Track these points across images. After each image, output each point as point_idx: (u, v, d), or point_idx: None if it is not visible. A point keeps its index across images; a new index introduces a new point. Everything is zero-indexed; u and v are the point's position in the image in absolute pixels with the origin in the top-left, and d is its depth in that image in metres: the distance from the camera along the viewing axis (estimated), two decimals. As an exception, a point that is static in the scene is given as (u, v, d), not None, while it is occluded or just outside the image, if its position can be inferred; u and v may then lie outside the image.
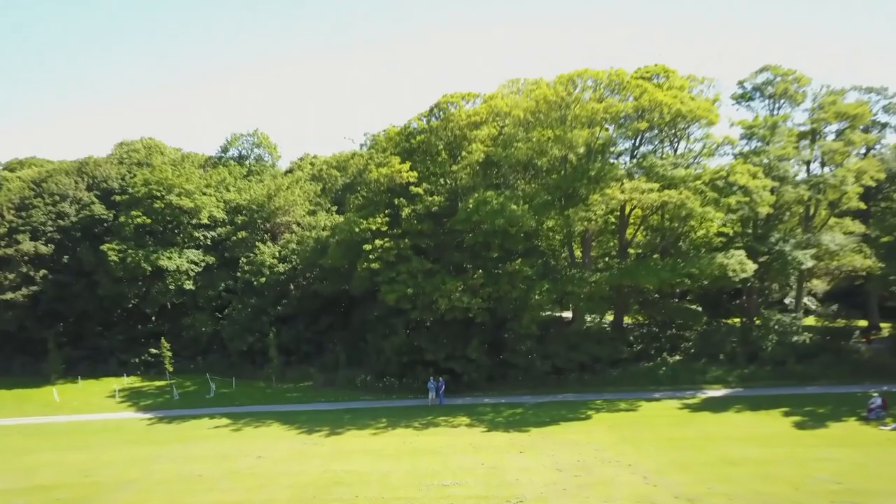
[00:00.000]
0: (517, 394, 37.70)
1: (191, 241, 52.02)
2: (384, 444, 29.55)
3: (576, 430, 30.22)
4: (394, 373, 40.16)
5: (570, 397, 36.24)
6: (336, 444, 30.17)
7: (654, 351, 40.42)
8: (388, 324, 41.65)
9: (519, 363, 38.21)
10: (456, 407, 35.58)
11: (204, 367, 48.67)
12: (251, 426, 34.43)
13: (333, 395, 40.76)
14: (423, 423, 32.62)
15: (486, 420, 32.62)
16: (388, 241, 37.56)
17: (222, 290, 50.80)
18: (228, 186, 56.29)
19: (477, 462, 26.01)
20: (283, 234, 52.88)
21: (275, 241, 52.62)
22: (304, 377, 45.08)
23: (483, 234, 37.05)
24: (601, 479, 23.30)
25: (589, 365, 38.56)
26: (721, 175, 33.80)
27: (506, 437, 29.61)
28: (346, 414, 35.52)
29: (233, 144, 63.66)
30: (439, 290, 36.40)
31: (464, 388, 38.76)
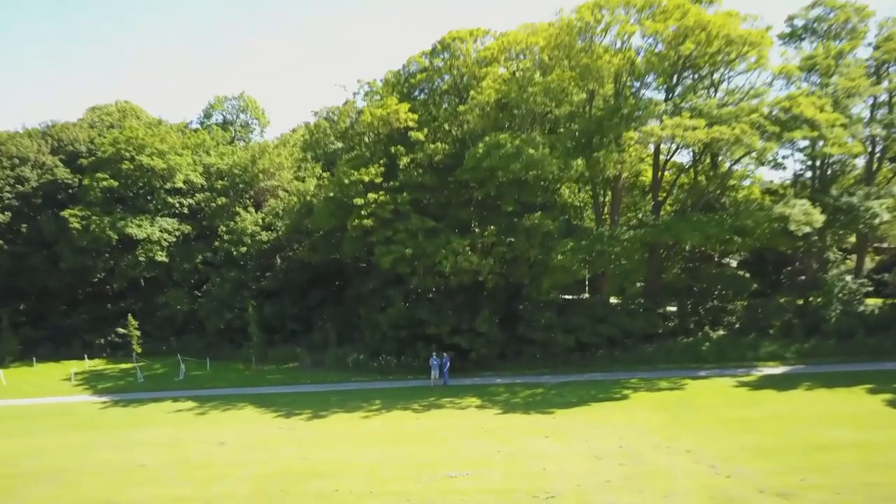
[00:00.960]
0: (534, 373, 32.43)
1: (165, 209, 46.87)
2: (376, 429, 24.36)
3: (611, 411, 24.96)
4: (390, 350, 34.90)
5: (597, 376, 30.93)
6: (318, 430, 25.00)
7: (694, 325, 35.08)
8: (384, 296, 36.46)
9: (536, 338, 32.88)
10: (463, 388, 30.35)
11: (178, 348, 43.53)
12: (219, 409, 29.27)
13: (321, 376, 35.55)
14: (425, 404, 27.41)
15: (499, 401, 27.39)
16: (383, 195, 32.29)
17: (200, 262, 45.65)
18: (209, 150, 51.11)
19: (491, 449, 20.78)
20: (268, 200, 47.71)
21: (259, 210, 47.48)
22: (290, 358, 39.87)
23: (495, 186, 31.77)
24: (655, 469, 18.06)
25: (619, 340, 33.25)
26: (782, 105, 28.31)
27: (526, 420, 24.36)
28: (333, 396, 30.31)
29: (216, 108, 58.54)
30: (443, 250, 31.12)
31: (471, 367, 33.49)
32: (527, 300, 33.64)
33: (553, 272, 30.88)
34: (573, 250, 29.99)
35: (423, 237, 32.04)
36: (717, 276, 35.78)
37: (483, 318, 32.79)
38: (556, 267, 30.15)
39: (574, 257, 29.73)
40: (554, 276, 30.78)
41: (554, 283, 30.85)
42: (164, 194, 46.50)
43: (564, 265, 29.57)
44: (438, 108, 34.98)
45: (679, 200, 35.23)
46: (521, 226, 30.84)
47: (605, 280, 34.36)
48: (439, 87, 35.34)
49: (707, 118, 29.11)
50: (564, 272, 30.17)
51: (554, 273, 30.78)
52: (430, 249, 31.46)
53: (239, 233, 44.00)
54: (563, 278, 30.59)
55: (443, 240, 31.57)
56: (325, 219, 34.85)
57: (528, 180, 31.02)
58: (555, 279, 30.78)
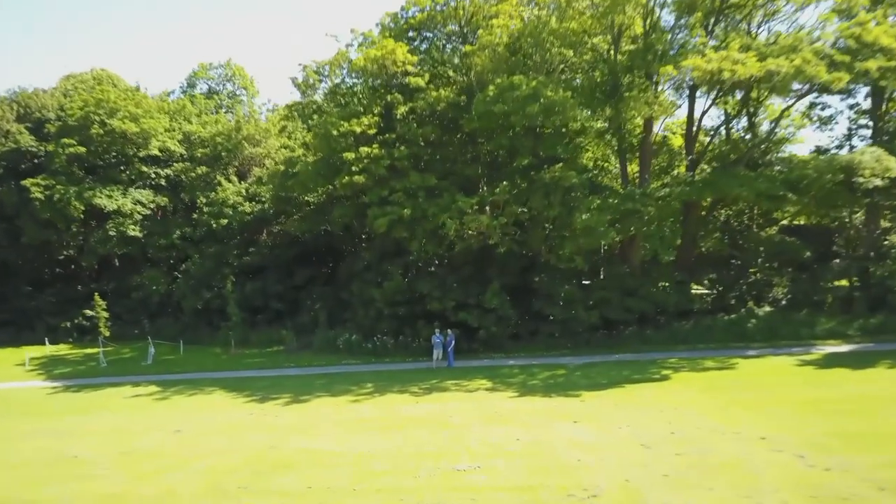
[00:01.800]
0: (553, 354, 28.39)
1: (140, 180, 42.97)
2: (366, 415, 20.32)
3: (651, 393, 20.88)
4: (387, 330, 30.91)
5: (627, 357, 26.88)
6: (296, 415, 20.96)
7: (735, 300, 30.96)
8: (380, 271, 32.46)
9: (555, 314, 28.85)
10: (470, 369, 26.31)
11: (151, 331, 39.61)
12: (183, 395, 25.31)
13: (307, 359, 31.59)
14: (425, 387, 23.37)
15: (514, 383, 23.32)
16: (377, 149, 28.27)
17: (177, 238, 41.72)
18: (189, 117, 47.17)
19: (508, 436, 16.70)
20: (253, 171, 43.76)
21: (244, 181, 43.55)
22: (274, 341, 35.92)
23: (507, 138, 27.71)
24: (724, 460, 13.95)
25: (651, 317, 29.19)
26: (850, 33, 24.13)
27: (548, 404, 20.28)
28: (318, 380, 26.32)
29: (200, 76, 54.62)
30: (448, 210, 27.10)
31: (480, 348, 29.50)
32: (544, 271, 29.59)
33: (576, 236, 26.81)
34: (600, 209, 25.92)
35: (424, 197, 28.03)
36: (766, 242, 31.50)
37: (493, 292, 28.78)
38: (579, 229, 26.07)
39: (601, 218, 25.62)
40: (577, 241, 26.69)
41: (577, 249, 26.75)
42: (138, 163, 42.59)
43: (590, 227, 25.46)
44: (441, 52, 30.95)
45: (718, 158, 30.94)
46: (540, 181, 26.76)
47: (634, 248, 30.23)
48: (442, 30, 31.29)
49: (757, 53, 25.01)
50: (589, 236, 26.06)
51: (577, 237, 26.70)
52: (433, 211, 27.44)
53: (219, 204, 40.07)
54: (588, 243, 26.50)
55: (447, 200, 27.55)
56: (310, 179, 30.84)
57: (547, 130, 26.95)
58: (578, 244, 26.68)
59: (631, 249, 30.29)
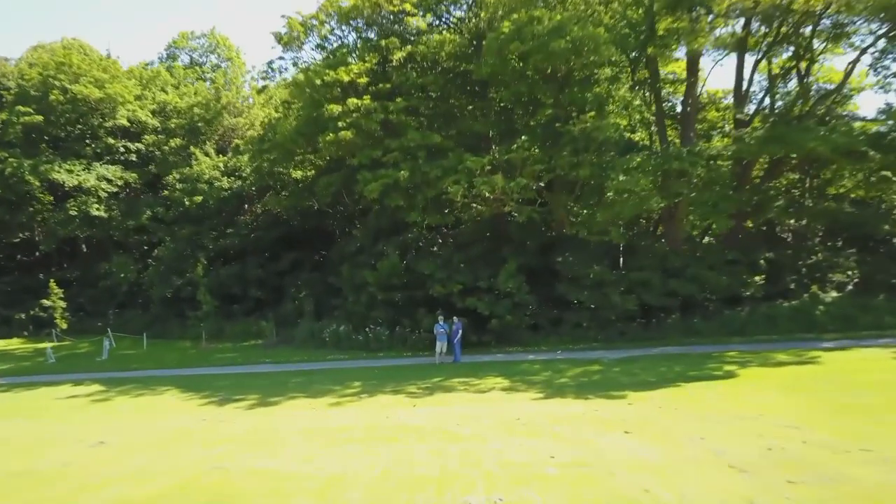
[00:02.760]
0: (580, 347, 23.89)
1: (107, 154, 38.68)
2: (347, 422, 15.75)
3: (717, 394, 16.30)
4: (381, 319, 26.45)
5: (673, 350, 22.33)
6: (259, 423, 16.44)
7: (795, 284, 26.34)
8: (374, 252, 28.03)
9: (583, 299, 24.30)
10: (481, 365, 21.80)
11: (117, 324, 35.32)
12: (128, 395, 20.91)
13: (288, 354, 27.15)
14: (425, 386, 18.85)
15: (537, 382, 18.76)
16: (368, 100, 23.80)
17: (147, 219, 37.37)
18: (165, 87, 42.84)
19: (539, 454, 12.12)
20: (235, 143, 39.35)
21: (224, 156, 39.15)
22: (252, 334, 31.54)
23: (526, 84, 23.16)
24: (869, 490, 9.41)
25: (698, 303, 24.61)
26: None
27: (585, 408, 15.72)
28: (295, 377, 21.85)
29: (180, 45, 50.27)
30: (454, 173, 22.60)
31: (491, 340, 25.00)
32: (569, 248, 25.03)
33: (610, 204, 22.24)
34: (640, 169, 21.34)
35: (425, 159, 23.53)
36: (830, 216, 26.82)
37: (507, 274, 24.26)
38: (615, 193, 21.50)
39: (641, 181, 21.04)
40: (612, 208, 22.11)
41: (612, 218, 22.19)
42: (104, 135, 38.28)
43: (627, 190, 20.89)
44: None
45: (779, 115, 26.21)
46: (567, 134, 22.18)
47: (676, 220, 25.65)
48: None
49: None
50: (627, 201, 21.50)
51: (611, 204, 22.13)
52: (435, 173, 22.94)
53: (193, 180, 35.67)
54: (626, 210, 21.96)
55: (452, 160, 23.04)
56: (290, 141, 26.36)
57: (576, 74, 22.40)
58: (613, 212, 22.10)
59: (672, 222, 25.70)
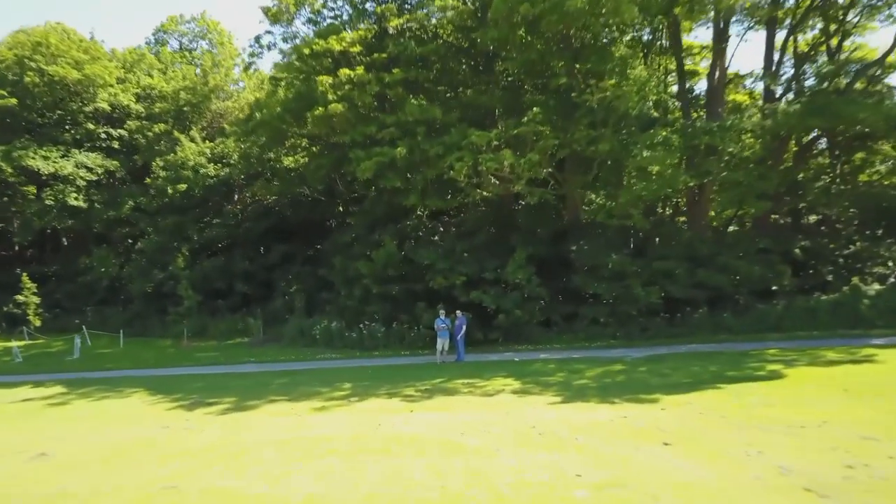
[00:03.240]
0: (598, 345, 21.59)
1: (87, 140, 36.53)
2: (332, 430, 13.42)
3: (766, 397, 13.90)
4: (376, 314, 24.17)
5: (703, 348, 20.03)
6: (230, 431, 14.12)
7: (833, 276, 24.02)
8: (370, 242, 25.78)
9: (601, 292, 22.00)
10: (488, 364, 19.49)
11: (96, 321, 33.13)
12: (90, 398, 18.65)
13: (274, 353, 24.92)
14: (424, 388, 16.53)
15: (553, 384, 16.43)
16: (362, 71, 21.55)
17: (129, 209, 35.17)
18: (151, 71, 40.69)
19: (564, 471, 9.71)
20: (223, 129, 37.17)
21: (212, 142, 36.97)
22: (239, 331, 29.31)
23: (536, 51, 20.90)
24: None
25: (727, 296, 22.29)
26: None
27: (612, 414, 13.32)
28: (279, 378, 19.59)
29: (169, 29, 48.06)
30: (457, 150, 20.35)
31: (498, 337, 22.73)
32: (585, 235, 22.75)
33: (631, 186, 19.95)
34: (666, 145, 19.05)
35: (424, 135, 21.28)
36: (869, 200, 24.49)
37: (516, 264, 21.98)
38: (637, 172, 19.19)
39: (669, 155, 18.76)
40: (633, 189, 19.80)
41: (633, 200, 19.89)
42: (84, 120, 36.13)
43: (653, 167, 18.60)
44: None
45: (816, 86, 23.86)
46: (583, 105, 19.89)
47: (702, 203, 23.33)
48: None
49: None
50: (651, 181, 19.21)
51: (633, 185, 19.83)
52: (436, 151, 20.68)
53: (178, 166, 33.47)
54: (650, 191, 19.66)
55: (455, 136, 20.77)
56: (278, 119, 24.11)
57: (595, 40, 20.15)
58: (634, 193, 19.81)
59: (697, 206, 23.39)
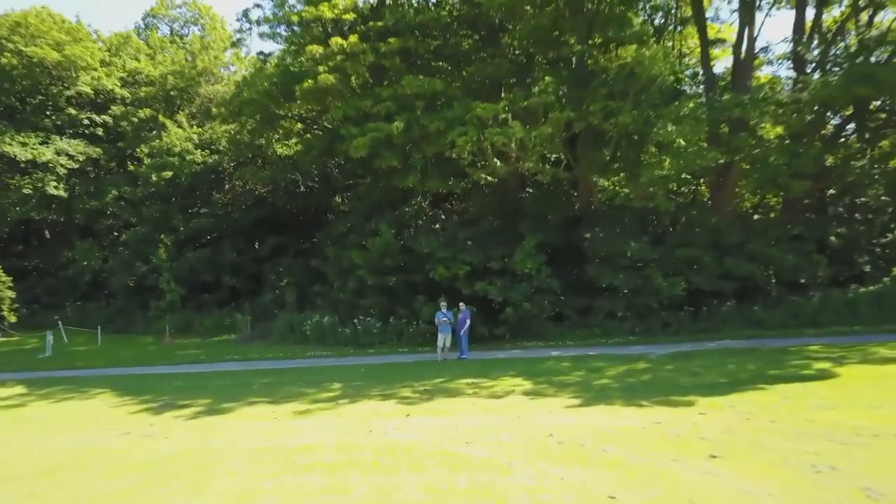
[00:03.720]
0: (616, 342, 19.67)
1: (70, 126, 34.75)
2: (314, 438, 11.49)
3: (821, 399, 11.96)
4: (372, 308, 22.29)
5: (734, 344, 18.11)
6: (197, 437, 12.20)
7: (870, 266, 22.09)
8: (364, 232, 23.90)
9: (618, 284, 20.07)
10: (494, 363, 17.58)
11: (78, 317, 31.35)
12: (51, 399, 16.75)
13: (262, 350, 23.09)
14: (424, 389, 14.61)
15: (569, 384, 14.50)
16: (355, 40, 19.68)
17: (112, 198, 33.38)
18: (138, 55, 38.91)
19: (591, 490, 7.77)
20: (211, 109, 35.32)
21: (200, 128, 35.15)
22: (226, 328, 27.49)
23: (548, 16, 18.96)
24: None
25: (758, 287, 20.35)
26: None
27: (642, 419, 11.32)
28: (262, 378, 17.72)
29: (157, 14, 46.24)
30: (460, 125, 18.47)
31: (505, 333, 20.84)
32: (601, 222, 20.84)
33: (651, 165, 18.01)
34: (693, 118, 17.12)
35: (424, 110, 19.39)
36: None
37: (525, 252, 20.10)
38: (662, 148, 17.27)
39: (696, 128, 16.83)
40: (655, 170, 17.85)
41: (657, 179, 17.96)
42: (65, 104, 34.34)
43: (680, 140, 16.68)
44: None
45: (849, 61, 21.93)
46: (600, 73, 17.97)
47: (729, 185, 21.34)
48: None
49: None
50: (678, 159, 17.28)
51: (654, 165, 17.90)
52: (437, 127, 18.80)
53: (163, 152, 31.65)
54: (678, 168, 17.73)
55: (458, 110, 18.89)
56: (266, 95, 22.24)
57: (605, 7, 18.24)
58: (658, 172, 17.86)
59: (722, 190, 21.41)
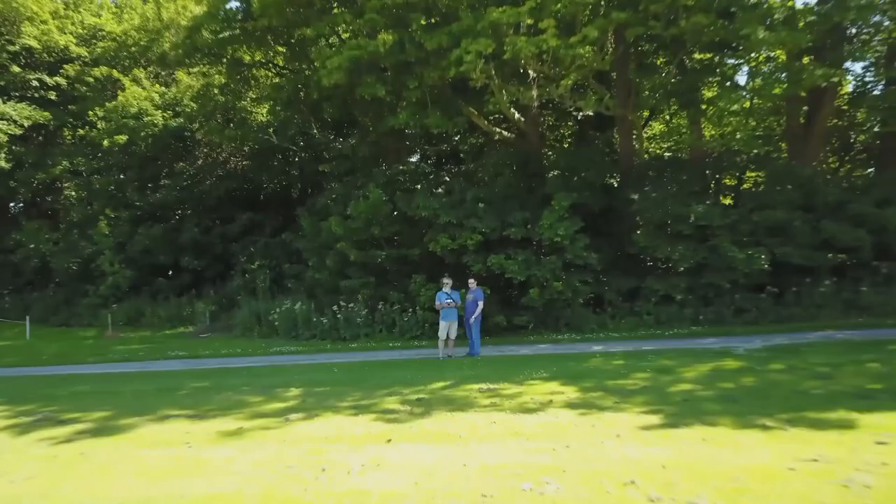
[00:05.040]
0: (675, 334, 14.99)
1: (15, 89, 30.33)
2: (235, 479, 6.83)
3: None
4: (356, 291, 17.63)
5: (836, 335, 13.41)
6: (50, 476, 7.66)
7: None
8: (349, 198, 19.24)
9: (676, 259, 15.39)
10: (517, 361, 12.91)
11: (17, 307, 26.94)
12: None
13: (219, 346, 18.55)
14: (418, 398, 9.91)
15: (633, 391, 9.68)
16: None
17: (63, 170, 28.93)
18: (99, 11, 34.53)
19: None
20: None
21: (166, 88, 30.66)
22: (185, 319, 22.97)
23: None
24: None
25: (864, 262, 15.64)
26: None
27: (781, 454, 6.58)
28: (202, 379, 13.11)
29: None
30: (470, 35, 13.87)
31: (528, 321, 16.17)
32: (652, 177, 16.18)
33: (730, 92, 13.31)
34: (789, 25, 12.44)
35: (421, 26, 14.80)
36: None
37: (555, 215, 15.43)
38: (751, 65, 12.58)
39: (798, 37, 12.15)
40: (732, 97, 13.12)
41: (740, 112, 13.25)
42: (7, 61, 29.92)
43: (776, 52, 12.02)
44: None
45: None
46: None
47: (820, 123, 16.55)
48: None
49: None
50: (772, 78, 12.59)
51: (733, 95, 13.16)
52: (438, 43, 14.19)
53: (119, 113, 27.18)
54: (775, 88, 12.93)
55: (468, 21, 14.28)
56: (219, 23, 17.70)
57: None
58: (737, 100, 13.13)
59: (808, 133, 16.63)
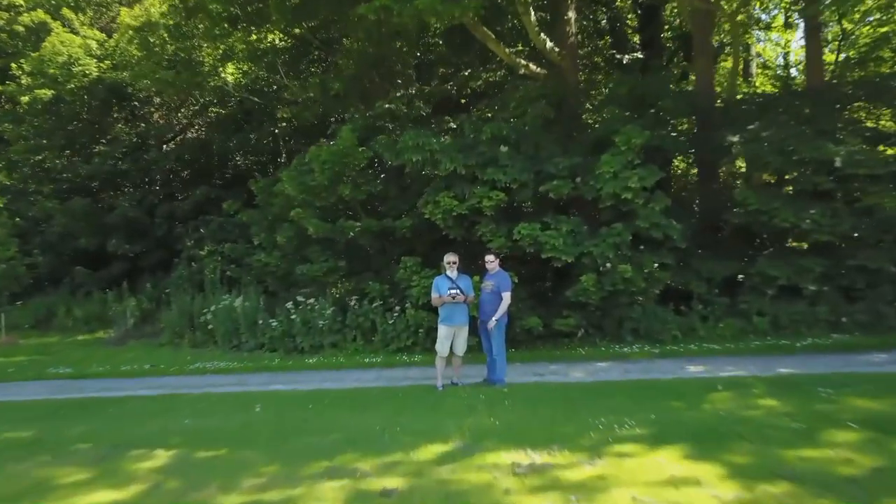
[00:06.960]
0: (814, 346, 9.73)
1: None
2: None
3: None
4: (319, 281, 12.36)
5: None
6: None
7: None
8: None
9: (805, 230, 10.15)
10: (567, 394, 7.73)
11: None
12: None
13: (120, 359, 13.35)
14: (387, 482, 4.84)
15: (860, 478, 4.64)
16: None
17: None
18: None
19: None
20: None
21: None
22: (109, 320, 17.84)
23: None
24: None
25: None
26: None
27: None
28: (46, 419, 7.89)
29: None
30: None
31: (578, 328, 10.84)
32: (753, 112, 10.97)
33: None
34: None
35: None
36: None
37: (621, 157, 10.18)
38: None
39: None
40: None
41: None
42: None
43: None
44: None
45: None
46: None
47: None
48: None
49: None
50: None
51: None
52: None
53: (44, 63, 22.11)
54: None
55: None
56: None
57: None
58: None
59: None
